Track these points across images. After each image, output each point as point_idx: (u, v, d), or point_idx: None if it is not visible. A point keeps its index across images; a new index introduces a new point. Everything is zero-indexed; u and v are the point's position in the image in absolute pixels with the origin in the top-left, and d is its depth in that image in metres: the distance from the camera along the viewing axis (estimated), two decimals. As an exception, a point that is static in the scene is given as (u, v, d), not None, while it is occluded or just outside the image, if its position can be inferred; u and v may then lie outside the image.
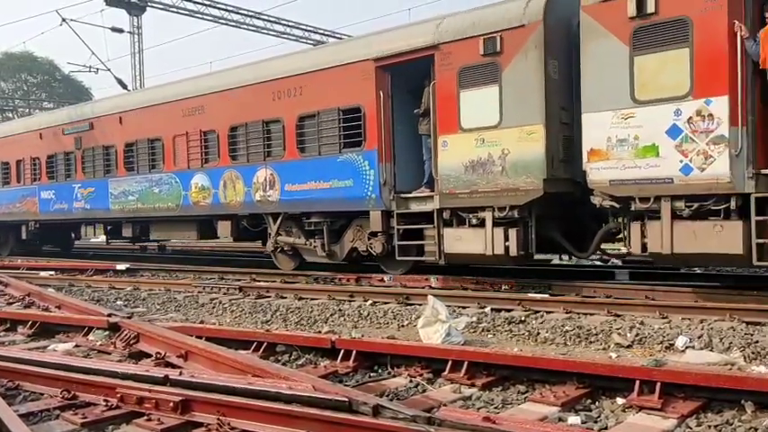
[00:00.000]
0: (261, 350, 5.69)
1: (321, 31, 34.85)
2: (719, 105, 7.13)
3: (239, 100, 12.26)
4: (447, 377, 4.75)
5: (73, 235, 20.14)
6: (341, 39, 27.98)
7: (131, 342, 5.98)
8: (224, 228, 13.26)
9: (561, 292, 8.63)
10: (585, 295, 8.27)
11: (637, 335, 6.15)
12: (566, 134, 8.69)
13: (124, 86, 24.74)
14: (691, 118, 7.31)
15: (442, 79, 9.40)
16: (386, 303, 8.46)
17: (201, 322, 7.87)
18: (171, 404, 3.81)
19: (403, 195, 10.18)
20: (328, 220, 11.31)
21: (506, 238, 8.79)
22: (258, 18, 32.87)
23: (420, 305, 7.78)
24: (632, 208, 7.76)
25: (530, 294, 8.39)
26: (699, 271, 10.59)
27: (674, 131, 7.42)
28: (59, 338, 6.79)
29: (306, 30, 34.40)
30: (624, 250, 8.68)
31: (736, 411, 3.84)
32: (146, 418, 3.84)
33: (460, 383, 4.63)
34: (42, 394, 4.44)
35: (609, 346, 6.02)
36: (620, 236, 8.38)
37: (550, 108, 8.53)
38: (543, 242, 9.20)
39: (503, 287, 9.09)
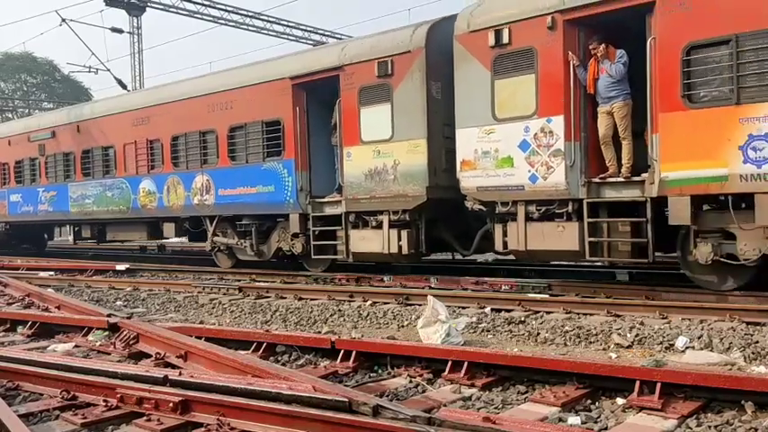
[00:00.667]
0: (261, 350, 5.69)
1: (321, 32, 34.86)
2: (557, 123, 8.35)
3: (180, 112, 13.46)
4: (447, 377, 4.74)
5: (46, 236, 21.38)
6: (341, 39, 28.00)
7: (131, 342, 5.97)
8: (169, 229, 14.68)
9: (561, 292, 8.63)
10: (585, 295, 8.26)
11: (637, 335, 6.14)
12: (448, 147, 9.67)
13: (124, 87, 24.74)
14: (536, 134, 8.54)
15: (346, 97, 10.67)
16: (385, 304, 8.46)
17: (201, 323, 7.87)
18: (171, 404, 3.80)
19: (318, 200, 11.40)
20: (256, 222, 12.48)
21: (399, 239, 10.04)
22: (258, 18, 32.87)
23: (420, 305, 7.78)
24: (497, 211, 8.99)
25: (529, 295, 8.39)
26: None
27: (524, 145, 8.67)
28: (59, 339, 6.78)
29: (306, 30, 34.40)
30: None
31: (737, 412, 3.84)
32: (145, 418, 3.84)
33: (460, 384, 4.62)
34: (42, 395, 4.44)
35: (609, 347, 6.02)
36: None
37: (432, 124, 9.75)
38: (435, 241, 10.45)
39: (503, 287, 9.09)
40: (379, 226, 10.33)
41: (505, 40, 8.73)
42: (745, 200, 7.32)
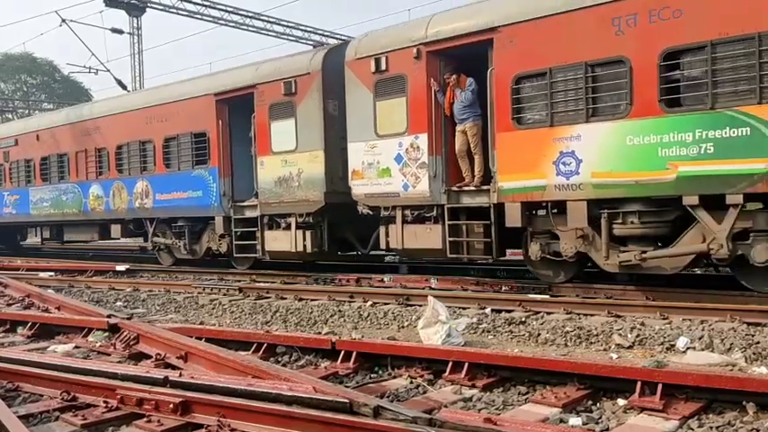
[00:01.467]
0: (261, 351, 5.69)
1: (321, 32, 34.87)
2: (423, 140, 9.63)
3: (123, 123, 14.85)
4: (448, 378, 4.74)
5: (18, 237, 22.44)
6: (341, 39, 27.97)
7: (131, 343, 5.97)
8: (116, 230, 15.75)
9: (561, 292, 8.63)
10: (586, 296, 8.26)
11: (637, 336, 6.14)
12: (344, 158, 10.72)
13: (123, 87, 24.72)
14: (407, 149, 9.79)
15: (259, 112, 11.92)
16: (386, 304, 8.45)
17: (201, 323, 7.86)
18: (171, 405, 3.80)
19: (239, 204, 12.60)
20: (189, 223, 13.76)
21: (304, 239, 11.31)
22: (258, 19, 32.87)
23: (420, 306, 7.78)
24: (381, 214, 10.22)
25: (530, 295, 8.39)
26: (699, 272, 10.57)
27: (398, 158, 9.93)
28: (59, 340, 6.78)
29: (306, 30, 34.41)
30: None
31: (738, 412, 3.83)
32: (146, 419, 3.83)
33: (461, 384, 4.62)
34: (42, 396, 4.44)
35: (610, 347, 6.01)
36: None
37: (329, 137, 10.98)
38: (341, 241, 11.78)
39: (503, 288, 9.09)
40: (288, 227, 11.60)
41: (383, 67, 9.99)
42: (561, 206, 8.54)
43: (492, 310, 7.62)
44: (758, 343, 5.60)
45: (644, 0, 7.65)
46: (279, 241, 11.79)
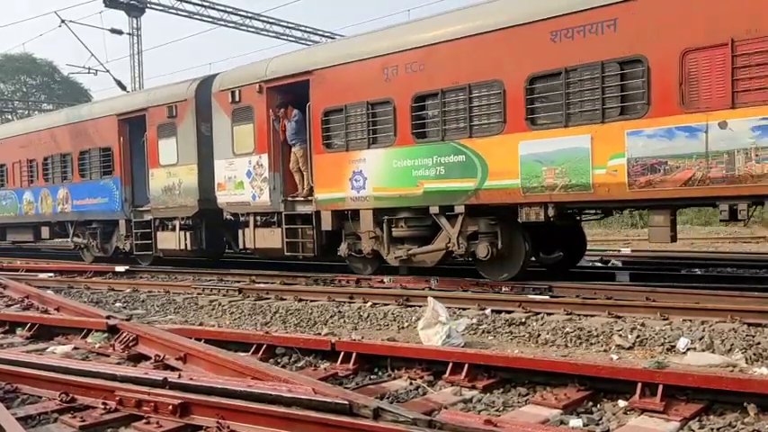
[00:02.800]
0: (260, 352, 5.68)
1: (320, 33, 34.87)
2: (265, 159, 11.82)
3: (49, 138, 17.29)
4: (448, 379, 4.72)
5: None
6: (341, 40, 27.97)
7: (130, 344, 5.95)
8: (45, 231, 18.09)
9: (561, 293, 8.61)
10: (586, 297, 8.24)
11: (638, 336, 6.12)
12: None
13: (123, 88, 24.73)
14: (254, 166, 11.97)
15: (150, 131, 14.25)
16: (386, 305, 8.44)
17: (201, 324, 7.86)
18: (170, 407, 3.79)
19: (138, 209, 14.86)
20: (101, 225, 16.10)
21: (186, 238, 13.64)
22: (257, 19, 32.88)
23: (420, 307, 7.76)
24: (241, 220, 12.49)
25: (530, 296, 8.37)
26: (699, 272, 10.58)
27: (248, 174, 12.11)
28: (58, 341, 6.76)
29: (305, 31, 34.41)
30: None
31: (739, 414, 3.82)
32: (145, 421, 3.82)
33: (461, 386, 4.60)
34: (41, 397, 4.42)
35: (610, 348, 6.00)
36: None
37: (202, 154, 13.17)
38: (221, 240, 14.24)
39: (503, 289, 9.07)
40: (174, 229, 13.90)
41: (237, 98, 12.24)
42: (357, 213, 10.67)
43: (492, 311, 7.60)
44: (759, 344, 5.58)
45: (402, 56, 9.85)
46: (167, 241, 14.09)
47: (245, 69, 12.53)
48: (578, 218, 10.29)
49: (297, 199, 11.61)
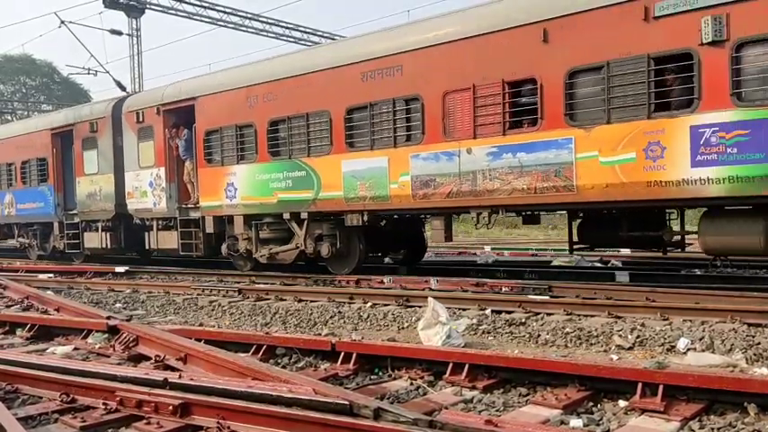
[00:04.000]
0: (260, 353, 5.68)
1: (320, 33, 34.87)
2: (163, 171, 13.96)
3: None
4: (448, 380, 4.72)
5: None
6: (342, 40, 27.97)
7: (130, 345, 5.95)
8: None
9: (561, 293, 8.61)
10: (586, 297, 8.24)
11: (638, 337, 6.12)
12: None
13: (123, 89, 24.67)
14: (155, 177, 14.06)
15: (76, 144, 16.35)
16: (386, 305, 8.43)
17: (201, 325, 7.85)
18: (170, 407, 3.79)
19: (69, 212, 16.87)
20: (40, 227, 18.26)
21: (107, 238, 15.62)
22: (257, 20, 32.88)
23: (420, 307, 7.76)
24: (147, 224, 14.61)
25: (530, 296, 8.36)
26: (699, 272, 10.58)
27: (151, 184, 14.19)
28: (58, 341, 6.77)
29: (305, 32, 34.42)
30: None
31: (739, 413, 3.82)
32: (145, 421, 3.82)
33: (462, 386, 4.60)
34: (41, 398, 4.42)
35: (610, 348, 6.00)
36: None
37: (117, 165, 15.19)
38: (140, 240, 15.18)
39: (503, 289, 9.07)
40: (97, 230, 15.92)
41: (141, 119, 14.34)
42: (233, 218, 12.76)
43: (492, 311, 7.60)
44: (759, 344, 5.58)
45: (260, 87, 11.98)
46: (92, 240, 16.07)
47: (148, 94, 15.28)
48: (423, 224, 12.52)
49: (189, 206, 13.72)
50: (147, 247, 14.82)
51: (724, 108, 7.42)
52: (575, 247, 9.88)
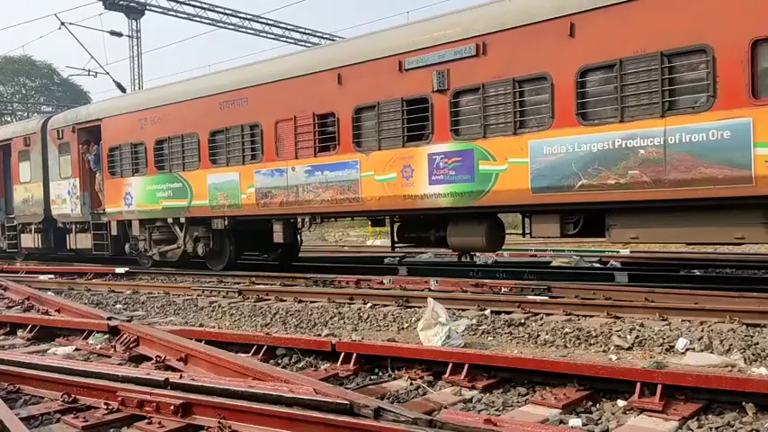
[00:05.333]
0: (261, 353, 5.69)
1: (320, 34, 34.91)
2: (78, 182, 16.11)
3: None
4: (448, 380, 4.74)
5: None
6: (340, 40, 28.00)
7: (131, 345, 5.97)
8: None
9: (561, 294, 8.63)
10: (585, 297, 8.26)
11: (637, 337, 6.14)
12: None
13: (123, 90, 24.71)
14: (73, 186, 16.21)
15: (14, 155, 18.48)
16: (385, 306, 8.45)
17: (201, 325, 7.87)
18: (172, 407, 3.81)
19: (9, 216, 19.01)
20: None
21: (39, 239, 17.71)
22: (256, 21, 32.91)
23: (420, 308, 7.78)
24: (67, 227, 16.73)
25: (529, 297, 8.39)
26: (698, 273, 10.61)
27: (69, 192, 16.32)
28: (59, 342, 6.78)
29: (304, 33, 34.45)
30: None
31: (738, 413, 3.84)
32: (146, 421, 3.84)
33: (461, 386, 4.62)
34: (43, 398, 4.45)
35: (609, 348, 6.01)
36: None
37: (45, 175, 17.19)
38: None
39: (502, 289, 9.09)
40: (31, 231, 18.00)
41: (61, 136, 16.46)
42: (131, 222, 14.91)
43: (491, 312, 7.62)
44: (757, 344, 5.60)
45: (149, 112, 14.16)
46: (27, 241, 18.14)
47: (67, 114, 17.25)
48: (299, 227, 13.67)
49: (99, 212, 15.71)
50: (67, 247, 17.00)
51: (446, 141, 9.50)
52: (396, 245, 11.58)
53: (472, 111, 9.24)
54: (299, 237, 14.46)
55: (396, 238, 11.28)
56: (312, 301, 9.07)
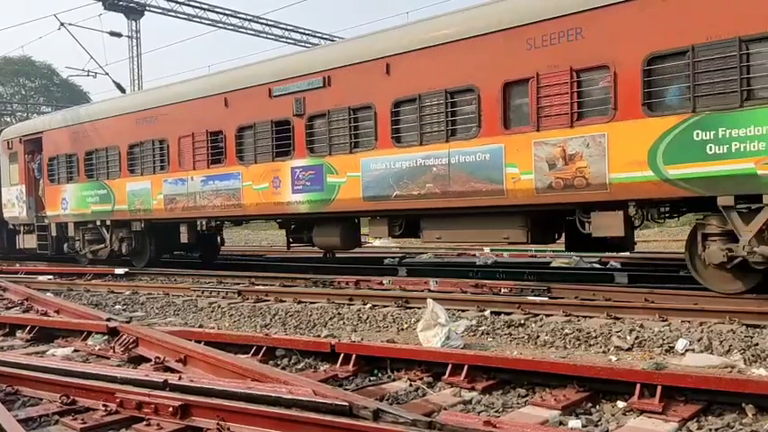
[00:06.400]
0: (260, 354, 5.68)
1: (319, 35, 34.91)
2: (24, 188, 17.69)
3: None
4: (447, 381, 4.73)
5: None
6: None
7: (130, 347, 5.96)
8: None
9: (560, 294, 8.62)
10: (584, 298, 8.25)
11: (636, 338, 6.13)
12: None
13: (122, 90, 24.71)
14: (20, 193, 17.82)
15: None
16: (385, 307, 8.44)
17: (200, 326, 7.86)
18: (170, 409, 3.80)
19: None
20: None
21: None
22: (256, 22, 32.91)
23: (419, 308, 7.77)
24: (17, 229, 18.58)
25: (529, 297, 8.38)
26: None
27: (18, 197, 17.91)
28: (58, 343, 6.77)
29: (304, 33, 34.45)
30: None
31: (737, 414, 3.83)
32: (145, 423, 3.83)
33: (461, 387, 4.61)
34: (41, 399, 4.44)
35: (609, 349, 6.01)
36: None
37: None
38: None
39: (502, 290, 9.09)
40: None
41: (11, 146, 18.11)
42: (68, 225, 16.67)
43: (491, 313, 7.61)
44: (757, 345, 5.60)
45: (81, 126, 15.87)
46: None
47: (18, 126, 19.16)
48: (221, 230, 15.38)
49: (43, 215, 17.17)
50: (17, 247, 18.74)
51: (304, 157, 11.29)
52: (291, 244, 12.96)
53: (322, 132, 11.10)
54: (218, 238, 16.20)
55: (290, 239, 12.88)
56: (311, 302, 9.07)
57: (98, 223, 15.60)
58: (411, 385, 4.77)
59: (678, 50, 7.34)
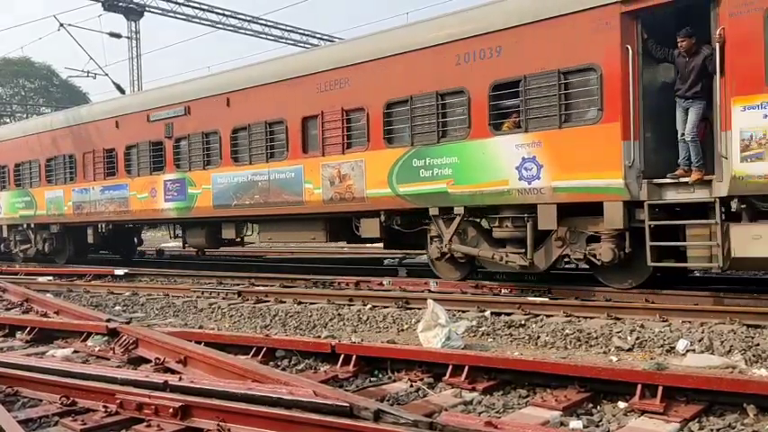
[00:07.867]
0: (260, 355, 5.67)
1: (319, 35, 34.91)
2: None
3: None
4: (448, 381, 4.73)
5: None
6: (340, 41, 28.02)
7: (130, 347, 5.95)
8: None
9: (561, 295, 8.62)
10: (585, 298, 8.25)
11: (637, 338, 6.13)
12: None
13: (122, 91, 24.68)
14: None
15: None
16: (385, 307, 8.44)
17: (200, 327, 7.85)
18: (171, 410, 3.79)
19: None
20: None
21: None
22: (256, 22, 32.90)
23: (419, 309, 7.77)
24: None
25: (529, 298, 8.38)
26: (698, 274, 10.58)
27: None
28: (58, 344, 6.76)
29: (303, 34, 34.45)
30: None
31: (739, 415, 3.83)
32: (145, 424, 3.82)
33: (461, 388, 4.61)
34: (41, 400, 4.42)
35: (609, 350, 6.00)
36: None
37: None
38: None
39: (502, 291, 9.08)
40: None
41: None
42: (2, 228, 18.85)
43: (491, 313, 7.61)
44: (758, 345, 5.60)
45: (38, 136, 17.39)
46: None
47: None
48: (135, 231, 18.38)
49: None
50: None
51: (172, 171, 13.63)
52: (185, 245, 15.10)
53: (185, 151, 13.47)
54: (135, 238, 18.92)
55: (186, 240, 14.75)
56: (312, 303, 9.06)
57: (25, 226, 18.02)
58: (412, 386, 4.76)
59: (402, 99, 9.87)
